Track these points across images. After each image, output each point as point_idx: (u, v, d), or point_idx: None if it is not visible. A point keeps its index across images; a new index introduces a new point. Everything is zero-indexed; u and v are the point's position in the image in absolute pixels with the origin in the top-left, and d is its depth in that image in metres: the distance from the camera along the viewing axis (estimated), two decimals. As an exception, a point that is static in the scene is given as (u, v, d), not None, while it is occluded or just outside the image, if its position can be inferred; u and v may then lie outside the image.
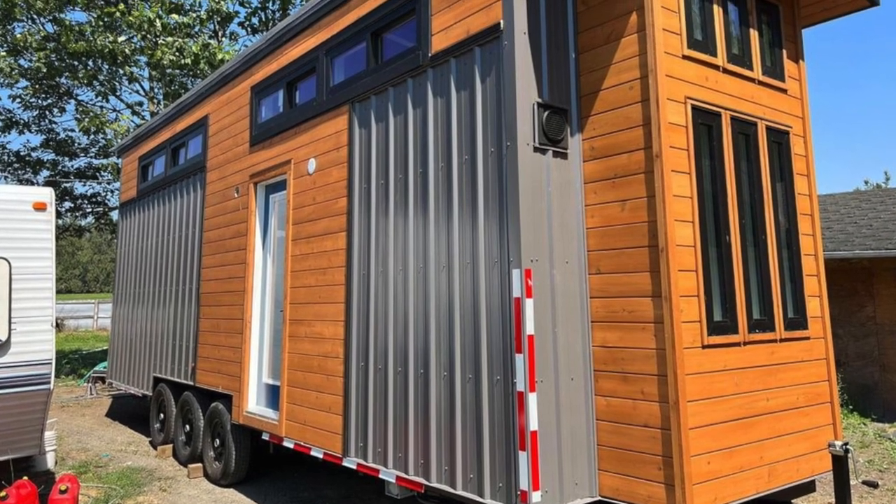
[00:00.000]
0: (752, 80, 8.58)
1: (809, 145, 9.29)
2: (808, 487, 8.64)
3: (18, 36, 29.42)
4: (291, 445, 10.69)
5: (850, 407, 18.11)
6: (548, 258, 7.49)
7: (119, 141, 26.17)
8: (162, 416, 15.63)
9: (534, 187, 7.45)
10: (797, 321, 8.54)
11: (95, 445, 16.01)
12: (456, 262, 8.09)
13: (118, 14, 26.87)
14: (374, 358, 9.28)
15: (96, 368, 24.41)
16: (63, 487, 10.62)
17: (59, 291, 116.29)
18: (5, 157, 34.12)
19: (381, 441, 9.06)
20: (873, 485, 8.84)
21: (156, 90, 31.56)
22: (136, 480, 12.87)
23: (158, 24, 26.25)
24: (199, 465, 13.32)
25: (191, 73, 28.06)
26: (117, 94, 31.36)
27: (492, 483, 7.41)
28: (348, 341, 9.76)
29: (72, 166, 35.37)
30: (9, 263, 10.74)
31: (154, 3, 27.39)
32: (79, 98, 33.31)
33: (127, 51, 27.92)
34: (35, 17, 30.18)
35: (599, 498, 7.54)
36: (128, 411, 20.87)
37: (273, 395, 11.92)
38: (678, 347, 6.92)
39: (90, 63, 29.78)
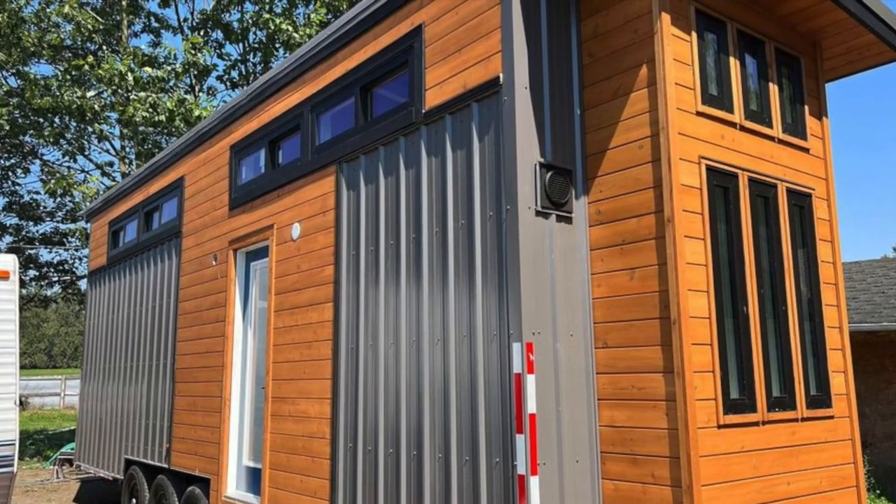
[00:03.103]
0: (771, 138, 8.65)
1: (833, 209, 9.34)
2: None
3: (-22, 91, 29.67)
4: (272, 536, 10.63)
5: (878, 491, 18.03)
6: (551, 331, 7.51)
7: (88, 204, 26.31)
8: (134, 501, 15.49)
9: (536, 254, 7.48)
10: (820, 399, 8.54)
11: (58, 536, 15.88)
12: (452, 335, 8.10)
13: (87, 67, 27.10)
14: (364, 439, 9.26)
15: (63, 450, 24.28)
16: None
17: (23, 367, 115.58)
18: (-36, 222, 34.27)
19: (369, 531, 9.01)
20: None
21: (127, 149, 31.79)
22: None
23: (130, 77, 26.36)
24: (171, 557, 13.21)
25: (165, 130, 28.19)
26: (86, 153, 31.57)
27: (491, 577, 7.37)
28: (335, 421, 9.74)
29: (37, 231, 35.51)
30: (-34, 336, 10.73)
31: (125, 56, 27.59)
32: (44, 158, 33.60)
33: (96, 107, 28.10)
34: (-3, 70, 30.45)
35: (608, 593, 7.49)
36: (98, 496, 20.70)
37: (254, 479, 11.85)
38: (692, 427, 6.91)
39: (57, 120, 30.00)
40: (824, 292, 8.94)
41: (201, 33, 30.37)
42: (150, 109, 26.32)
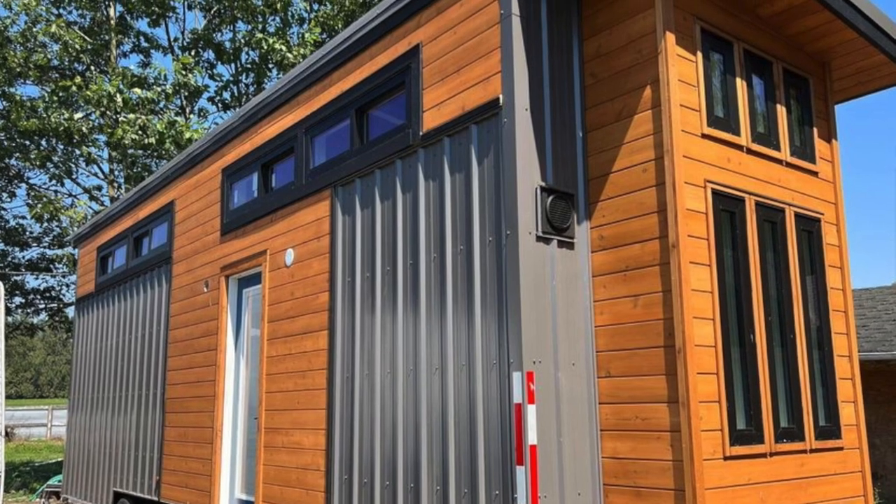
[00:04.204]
0: (779, 161, 8.67)
1: (843, 234, 9.36)
2: None
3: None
4: (264, 572, 10.61)
5: (890, 525, 18.00)
6: (552, 359, 7.51)
7: (75, 229, 26.29)
8: (120, 536, 15.48)
9: (536, 281, 7.49)
10: (829, 430, 8.54)
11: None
12: (450, 364, 8.10)
13: (74, 88, 27.09)
14: (359, 471, 9.24)
15: (50, 482, 24.16)
16: None
17: (8, 396, 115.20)
18: (-53, 248, 34.26)
19: (365, 567, 8.99)
20: None
21: (116, 173, 31.81)
22: None
23: (119, 99, 26.35)
24: None
25: (155, 153, 28.16)
26: (73, 177, 31.59)
27: None
28: (330, 452, 9.73)
29: (23, 258, 35.48)
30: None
31: (114, 77, 27.62)
32: (30, 181, 33.56)
33: (84, 129, 28.12)
34: (-19, 92, 30.49)
35: None
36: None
37: (244, 515, 11.83)
38: (697, 459, 6.90)
39: (43, 142, 30.03)
40: (833, 320, 8.95)
41: (192, 53, 30.46)
42: (140, 132, 26.31)
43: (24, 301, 35.20)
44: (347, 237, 9.92)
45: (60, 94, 27.91)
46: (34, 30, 28.76)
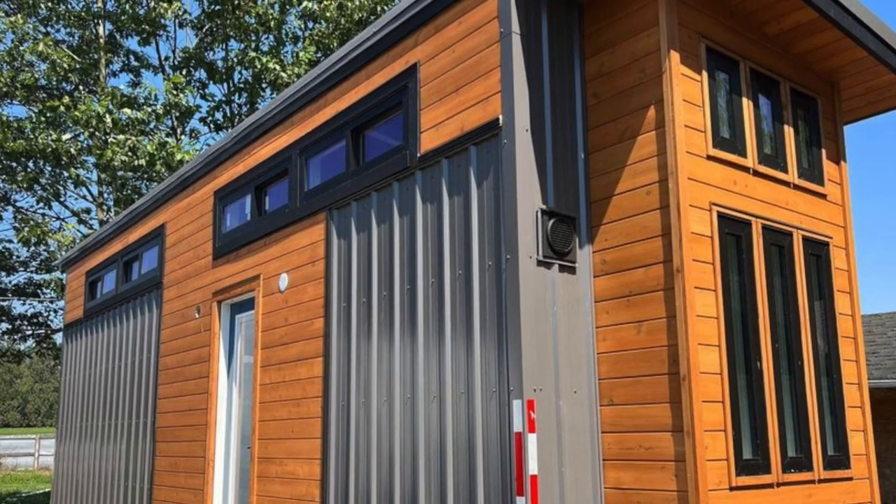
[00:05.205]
0: (786, 183, 8.69)
1: (852, 258, 9.37)
2: None
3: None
4: None
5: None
6: (553, 387, 7.51)
7: (63, 253, 26.28)
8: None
9: (537, 306, 7.49)
10: (838, 459, 8.53)
11: None
12: (448, 392, 8.09)
13: (62, 108, 27.08)
14: (355, 501, 9.22)
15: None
16: None
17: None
18: (-69, 272, 34.23)
19: None
20: None
21: (105, 195, 31.80)
22: None
23: (108, 119, 26.34)
24: None
25: (145, 175, 28.16)
26: (61, 199, 31.58)
27: None
28: (325, 483, 9.71)
29: (9, 282, 35.42)
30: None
31: (103, 97, 27.64)
32: (17, 204, 33.54)
33: (72, 150, 28.12)
34: (-35, 112, 30.48)
35: None
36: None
37: (236, 548, 11.81)
38: (702, 489, 6.89)
39: (30, 164, 30.00)
40: (842, 346, 8.95)
41: (184, 72, 30.46)
42: (130, 153, 26.25)
43: (10, 327, 35.16)
44: (343, 261, 9.93)
45: (48, 114, 27.91)
46: (21, 48, 28.77)
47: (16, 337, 35.86)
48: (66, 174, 30.32)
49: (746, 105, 8.40)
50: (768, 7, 8.33)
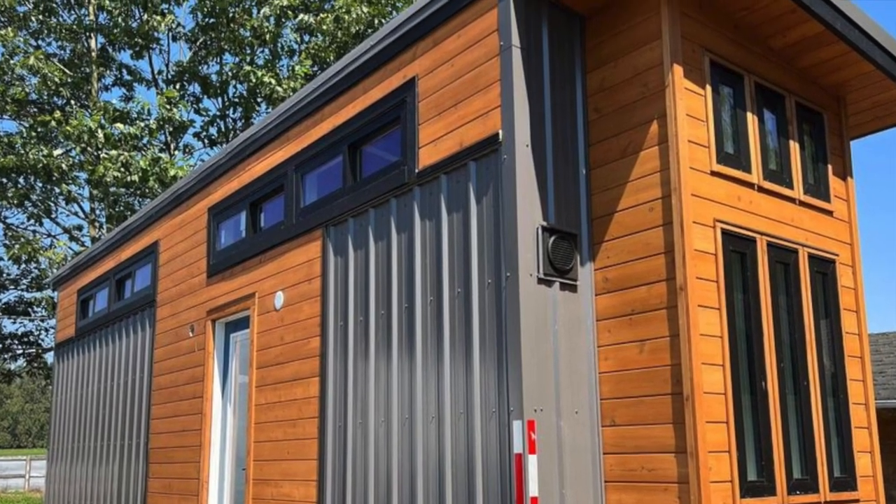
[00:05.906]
0: (792, 199, 8.69)
1: (859, 276, 9.36)
2: None
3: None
4: None
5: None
6: (554, 408, 7.49)
7: (55, 271, 26.29)
8: None
9: (538, 325, 7.48)
10: (845, 481, 8.51)
11: None
12: (447, 413, 8.07)
13: (54, 123, 27.12)
14: (351, 526, 9.21)
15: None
16: None
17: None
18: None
19: None
20: None
21: (97, 212, 31.78)
22: None
23: (101, 134, 26.39)
24: None
25: (138, 191, 28.18)
26: (52, 216, 31.59)
27: None
28: (320, 507, 9.69)
29: (0, 301, 35.40)
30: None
31: (95, 111, 27.64)
32: (7, 221, 33.52)
33: (64, 166, 28.16)
34: (-44, 127, 30.50)
35: None
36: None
37: (230, 572, 11.78)
38: (709, 513, 6.88)
39: (21, 180, 29.99)
40: (849, 366, 8.94)
41: (177, 86, 30.52)
42: (122, 169, 26.26)
43: (1, 346, 35.10)
44: (340, 279, 9.92)
45: (39, 129, 27.96)
46: (11, 62, 28.79)
47: (6, 356, 35.83)
48: (57, 190, 30.37)
49: (751, 120, 8.39)
50: (773, 20, 8.34)
